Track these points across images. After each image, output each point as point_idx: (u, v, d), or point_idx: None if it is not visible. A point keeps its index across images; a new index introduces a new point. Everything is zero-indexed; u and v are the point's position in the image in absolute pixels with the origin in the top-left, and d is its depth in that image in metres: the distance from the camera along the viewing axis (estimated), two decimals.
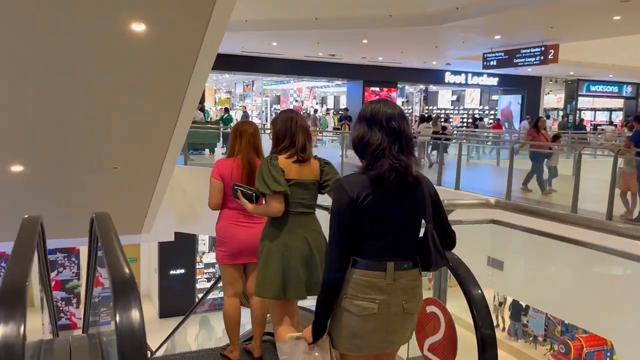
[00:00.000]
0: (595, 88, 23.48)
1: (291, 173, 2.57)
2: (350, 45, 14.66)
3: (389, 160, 1.88)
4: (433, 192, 2.04)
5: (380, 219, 1.90)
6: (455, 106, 27.10)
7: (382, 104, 1.97)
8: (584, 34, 11.70)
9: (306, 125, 2.75)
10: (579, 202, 7.66)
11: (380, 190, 1.88)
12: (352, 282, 1.92)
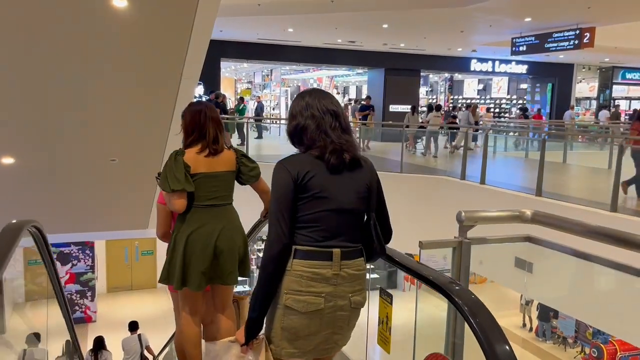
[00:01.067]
0: (631, 75, 22.25)
1: (199, 167, 2.55)
2: (370, 31, 13.94)
3: (331, 138, 1.85)
4: (376, 177, 1.99)
5: (324, 199, 1.82)
6: (481, 95, 26.14)
7: (313, 90, 1.98)
8: (625, 15, 10.76)
9: (217, 116, 2.71)
10: None
11: (324, 169, 1.83)
12: (294, 274, 1.81)
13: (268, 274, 1.83)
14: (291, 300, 1.81)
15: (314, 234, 1.83)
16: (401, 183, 10.49)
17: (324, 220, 1.83)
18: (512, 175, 11.14)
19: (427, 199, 10.09)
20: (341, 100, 27.26)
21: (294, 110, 1.94)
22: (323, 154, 1.84)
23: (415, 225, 10.33)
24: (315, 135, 1.87)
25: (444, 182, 9.94)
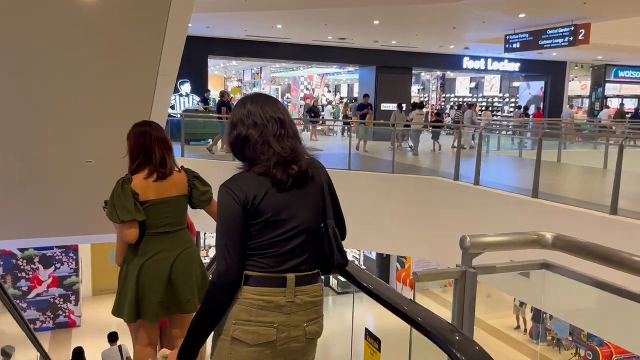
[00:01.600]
0: (624, 73, 22.10)
1: (149, 193, 2.42)
2: (360, 27, 13.62)
3: (275, 149, 1.68)
4: (328, 178, 1.85)
5: (278, 223, 1.67)
6: (473, 93, 25.95)
7: (256, 96, 1.80)
8: (621, 11, 10.51)
9: (163, 136, 2.54)
10: None
11: (273, 187, 1.67)
12: (244, 303, 1.65)
13: (214, 306, 1.67)
14: (239, 331, 1.64)
15: (267, 259, 1.67)
16: (393, 184, 10.19)
17: (278, 245, 1.67)
18: (507, 176, 10.88)
19: (420, 200, 9.80)
20: (333, 99, 26.98)
21: (235, 119, 1.74)
22: (268, 168, 1.66)
23: (407, 228, 10.06)
24: (258, 147, 1.68)
25: (437, 183, 9.65)
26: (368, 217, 10.23)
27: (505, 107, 23.90)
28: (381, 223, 10.14)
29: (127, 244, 2.54)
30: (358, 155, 12.32)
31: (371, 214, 10.20)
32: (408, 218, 9.90)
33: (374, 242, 10.60)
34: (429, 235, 9.67)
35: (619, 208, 6.63)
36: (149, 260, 2.41)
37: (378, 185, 10.28)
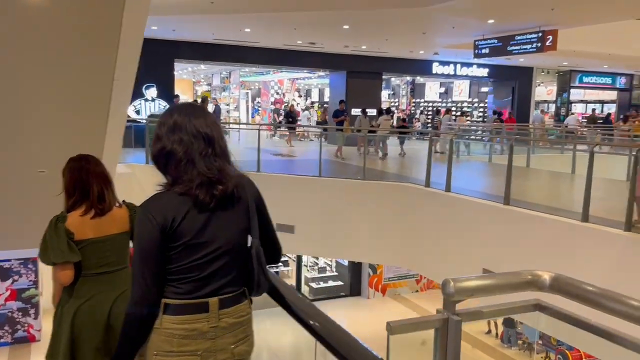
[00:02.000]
0: (588, 79, 22.57)
1: (86, 232, 2.28)
2: (330, 32, 13.46)
3: (199, 169, 1.61)
4: (257, 196, 1.79)
5: (198, 246, 1.60)
6: (443, 98, 26.13)
7: (184, 107, 1.72)
8: (588, 17, 10.60)
9: (101, 170, 2.44)
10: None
11: (195, 209, 1.60)
12: (164, 333, 1.57)
13: (132, 338, 1.59)
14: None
15: (188, 285, 1.59)
16: (364, 191, 10.02)
17: (199, 269, 1.59)
18: (478, 182, 10.85)
19: (391, 207, 9.66)
20: (303, 104, 26.78)
21: (160, 132, 1.63)
22: (190, 189, 1.58)
23: (378, 235, 9.90)
24: (182, 165, 1.59)
25: (408, 190, 9.53)
26: (339, 224, 10.03)
27: (474, 112, 24.12)
28: (352, 230, 9.96)
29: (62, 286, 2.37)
30: (329, 162, 12.13)
31: (342, 222, 10.01)
32: (379, 225, 9.75)
33: (345, 250, 10.41)
34: (401, 242, 9.53)
35: (591, 215, 6.60)
36: (85, 303, 2.27)
37: (349, 192, 10.11)
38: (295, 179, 10.54)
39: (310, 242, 10.37)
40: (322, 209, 10.12)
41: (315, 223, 10.15)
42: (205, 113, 1.74)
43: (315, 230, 10.18)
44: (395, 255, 9.76)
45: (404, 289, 18.01)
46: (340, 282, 17.81)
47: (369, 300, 17.42)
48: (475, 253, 8.04)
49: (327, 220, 10.08)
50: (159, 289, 1.58)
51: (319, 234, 10.20)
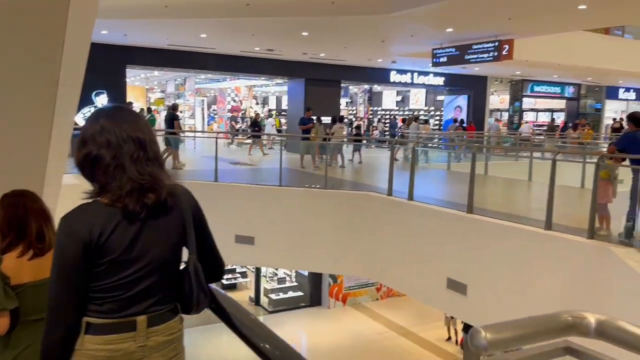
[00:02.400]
0: (539, 89, 23.26)
1: (23, 275, 2.09)
2: (289, 39, 13.27)
3: (129, 174, 1.45)
4: (195, 209, 1.64)
5: (126, 262, 1.45)
6: (400, 107, 26.37)
7: (112, 110, 1.57)
8: (543, 27, 10.84)
9: (40, 206, 2.26)
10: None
11: (124, 220, 1.45)
12: (86, 355, 1.43)
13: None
14: None
15: (113, 304, 1.46)
16: (325, 200, 9.81)
17: (126, 287, 1.46)
18: (439, 190, 10.83)
19: (353, 216, 9.49)
20: (261, 111, 26.44)
21: (86, 135, 1.50)
22: (119, 197, 1.45)
23: (340, 245, 9.70)
24: (110, 171, 1.46)
25: (371, 199, 9.38)
26: (301, 235, 9.78)
27: (430, 120, 24.42)
28: (314, 241, 9.73)
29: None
30: (290, 171, 11.88)
31: (304, 232, 9.77)
32: (342, 235, 9.56)
33: (307, 261, 10.16)
34: (364, 252, 9.36)
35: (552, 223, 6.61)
36: (22, 352, 2.07)
37: (311, 201, 9.88)
38: (255, 189, 10.23)
39: (271, 253, 10.07)
40: (283, 219, 9.85)
41: (276, 234, 9.87)
42: (135, 116, 1.60)
43: (276, 241, 9.90)
44: (358, 266, 9.59)
45: (364, 298, 17.91)
46: (300, 293, 17.54)
47: (330, 310, 17.22)
48: (439, 262, 7.95)
49: (289, 231, 9.81)
50: (78, 310, 1.45)
51: (280, 245, 9.91)
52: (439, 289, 7.89)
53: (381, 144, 20.35)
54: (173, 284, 1.57)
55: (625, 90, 25.09)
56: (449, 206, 8.24)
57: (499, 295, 7.05)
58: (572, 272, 6.12)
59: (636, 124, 5.81)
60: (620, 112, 26.17)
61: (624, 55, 18.26)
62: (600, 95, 24.97)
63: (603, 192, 6.34)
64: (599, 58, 17.47)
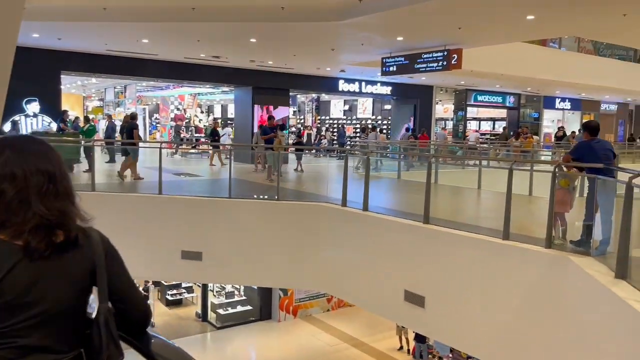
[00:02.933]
0: (482, 98, 23.87)
1: None
2: (237, 46, 12.85)
3: (35, 210, 1.36)
4: (109, 251, 1.50)
5: (23, 307, 1.33)
6: (347, 116, 26.39)
7: (18, 140, 1.47)
8: (492, 37, 10.99)
9: None
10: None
11: (25, 259, 1.33)
12: None
13: None
14: None
15: (4, 351, 1.34)
16: (277, 212, 9.45)
17: (19, 335, 1.34)
18: (392, 199, 10.70)
19: (307, 228, 9.17)
20: (206, 120, 25.75)
21: None
22: (20, 233, 1.34)
23: (294, 259, 9.35)
24: (13, 207, 1.36)
25: (325, 210, 9.10)
26: (252, 248, 9.37)
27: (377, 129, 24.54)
28: (266, 254, 9.34)
29: None
30: (240, 182, 11.45)
31: (255, 246, 9.36)
32: (295, 248, 9.22)
33: (259, 276, 9.73)
34: (318, 265, 9.06)
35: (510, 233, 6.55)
36: None
37: (262, 213, 9.49)
38: (202, 201, 9.72)
39: (220, 269, 9.58)
40: (233, 233, 9.40)
41: (225, 248, 9.41)
42: (46, 147, 1.47)
43: (226, 256, 9.43)
44: (313, 279, 9.26)
45: (315, 309, 17.64)
46: (249, 307, 17.06)
47: (280, 324, 16.83)
48: (396, 274, 7.76)
49: (239, 245, 9.37)
50: None
51: (230, 260, 9.45)
52: (397, 301, 7.69)
53: (330, 153, 20.25)
54: (78, 332, 1.48)
55: (562, 100, 26.20)
56: (403, 216, 8.07)
57: (459, 307, 6.91)
58: (531, 282, 6.06)
59: (591, 132, 5.83)
60: (557, 120, 27.34)
61: (561, 67, 19.03)
62: (538, 105, 25.95)
63: (561, 201, 6.34)
64: (538, 69, 18.11)
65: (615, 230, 5.74)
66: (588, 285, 5.00)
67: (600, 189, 5.69)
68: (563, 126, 24.53)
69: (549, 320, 5.74)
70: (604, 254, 5.59)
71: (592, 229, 5.81)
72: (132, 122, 12.22)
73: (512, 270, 6.31)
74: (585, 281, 5.08)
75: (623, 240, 4.74)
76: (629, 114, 29.80)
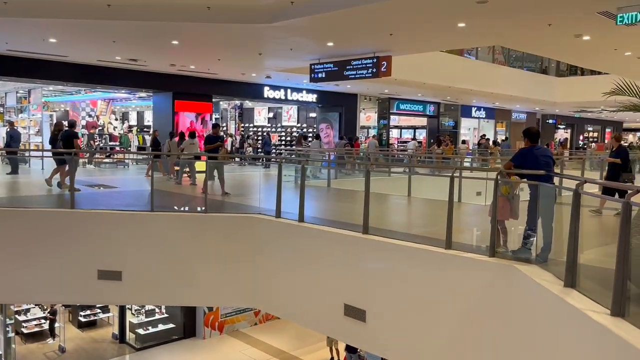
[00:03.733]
0: (404, 107, 24.33)
1: None
2: (157, 47, 12.03)
3: None
4: None
5: None
6: (272, 124, 25.93)
7: None
8: (423, 44, 11.01)
9: None
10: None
11: None
12: None
13: None
14: None
15: None
16: (206, 225, 8.81)
17: None
18: (325, 209, 10.38)
19: (239, 242, 8.62)
20: (120, 128, 24.25)
21: None
22: None
23: (225, 275, 8.75)
24: None
25: (257, 221, 8.60)
26: (178, 265, 8.66)
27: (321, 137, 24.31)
28: (194, 271, 8.68)
29: None
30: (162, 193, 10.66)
31: (181, 262, 8.67)
32: (226, 263, 8.63)
33: (186, 294, 9.02)
34: (252, 280, 8.53)
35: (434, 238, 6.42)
36: None
37: (189, 227, 8.81)
38: (121, 216, 8.87)
39: (143, 289, 8.78)
40: (157, 249, 8.65)
41: (148, 266, 8.63)
42: None
43: (149, 275, 8.66)
44: (245, 296, 8.71)
45: (242, 324, 17.02)
46: (172, 325, 16.11)
47: (205, 341, 16.03)
48: (335, 287, 7.42)
49: (163, 262, 8.64)
50: None
51: (154, 278, 8.68)
52: (336, 316, 7.34)
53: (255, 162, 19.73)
54: None
55: (477, 109, 27.35)
56: (340, 226, 7.74)
57: (402, 321, 6.68)
58: (476, 292, 5.93)
59: (532, 139, 5.81)
60: (473, 129, 28.49)
61: (478, 76, 19.80)
62: (456, 114, 26.90)
63: (501, 209, 6.28)
64: (457, 78, 18.69)
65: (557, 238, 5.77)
66: (538, 294, 4.90)
67: (541, 196, 5.68)
68: (485, 134, 25.70)
69: (496, 331, 5.62)
70: (545, 261, 5.57)
71: (533, 237, 5.78)
72: (70, 130, 11.23)
73: (456, 280, 6.16)
74: (534, 290, 4.98)
75: (571, 248, 4.67)
76: (537, 123, 31.69)
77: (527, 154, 5.79)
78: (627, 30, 8.69)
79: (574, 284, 4.64)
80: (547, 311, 4.75)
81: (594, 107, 26.96)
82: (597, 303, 4.10)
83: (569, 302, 4.28)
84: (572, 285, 4.64)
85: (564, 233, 6.19)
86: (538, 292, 4.90)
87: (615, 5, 7.11)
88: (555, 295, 4.52)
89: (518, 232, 6.61)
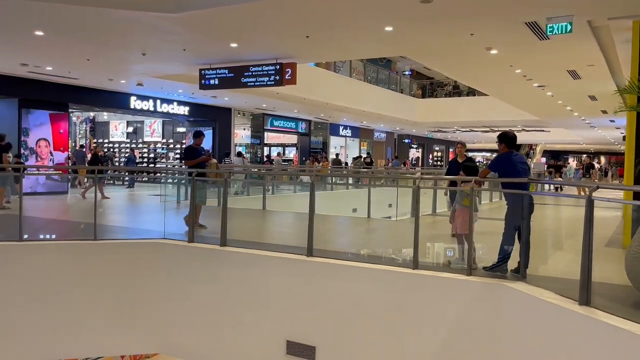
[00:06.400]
0: (277, 123, 23.67)
1: None
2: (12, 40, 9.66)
3: None
4: None
5: None
6: (132, 139, 23.37)
7: None
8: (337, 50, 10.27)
9: None
10: None
11: None
12: None
13: None
14: None
15: None
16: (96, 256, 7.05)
17: None
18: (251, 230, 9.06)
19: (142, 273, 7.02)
20: None
21: None
22: None
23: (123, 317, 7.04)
24: None
25: (165, 248, 7.10)
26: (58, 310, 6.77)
27: (170, 153, 22.28)
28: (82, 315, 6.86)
29: None
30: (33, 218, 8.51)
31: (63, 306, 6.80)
32: (124, 302, 6.94)
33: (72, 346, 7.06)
34: (159, 322, 6.97)
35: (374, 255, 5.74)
36: None
37: (71, 259, 6.95)
38: None
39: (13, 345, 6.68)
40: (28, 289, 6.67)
41: (16, 315, 6.61)
42: None
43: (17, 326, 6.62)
44: (152, 341, 7.08)
45: None
46: None
47: None
48: (275, 322, 6.29)
49: (37, 308, 6.68)
50: None
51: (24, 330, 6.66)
52: (276, 357, 6.21)
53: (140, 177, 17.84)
54: None
55: (344, 128, 27.79)
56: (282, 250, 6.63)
57: (362, 355, 5.78)
58: (457, 317, 5.28)
59: (510, 144, 5.40)
60: (340, 147, 28.86)
61: (351, 94, 19.89)
62: (325, 132, 27.00)
63: (463, 222, 5.78)
64: (334, 95, 18.52)
65: (538, 250, 5.41)
66: (551, 314, 4.39)
67: (518, 205, 5.27)
68: (370, 152, 26.52)
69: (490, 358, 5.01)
70: (524, 277, 5.15)
71: (510, 250, 5.35)
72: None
73: (430, 304, 5.47)
74: (545, 310, 4.46)
75: (585, 262, 4.24)
76: (394, 142, 33.36)
77: (506, 160, 5.36)
78: (535, 47, 8.98)
79: (589, 301, 4.22)
80: (566, 331, 4.25)
81: (449, 127, 29.06)
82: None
83: (601, 319, 3.83)
84: (587, 303, 4.21)
85: (547, 245, 5.86)
86: (551, 311, 4.38)
87: (544, 16, 7.17)
88: (578, 313, 4.04)
89: (484, 247, 6.21)
